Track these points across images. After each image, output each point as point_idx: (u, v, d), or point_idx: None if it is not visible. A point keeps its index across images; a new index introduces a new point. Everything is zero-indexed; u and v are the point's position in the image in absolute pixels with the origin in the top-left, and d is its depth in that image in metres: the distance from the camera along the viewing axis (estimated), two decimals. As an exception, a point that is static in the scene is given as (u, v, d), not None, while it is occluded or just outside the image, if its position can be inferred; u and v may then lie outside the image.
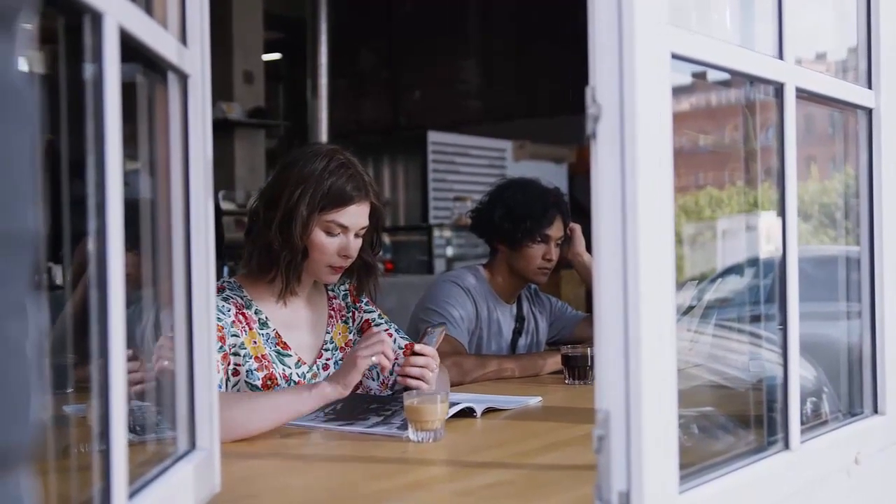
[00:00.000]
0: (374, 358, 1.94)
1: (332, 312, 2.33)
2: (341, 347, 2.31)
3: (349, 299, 2.37)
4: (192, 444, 1.34)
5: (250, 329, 2.15)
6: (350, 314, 2.36)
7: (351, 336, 2.34)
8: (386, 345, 1.97)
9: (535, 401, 2.30)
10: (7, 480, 0.54)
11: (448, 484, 1.58)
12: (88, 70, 0.98)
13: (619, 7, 1.13)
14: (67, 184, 1.01)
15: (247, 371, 2.10)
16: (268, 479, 1.64)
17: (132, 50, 1.08)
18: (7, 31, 0.53)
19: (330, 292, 2.35)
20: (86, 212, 0.98)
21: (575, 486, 1.50)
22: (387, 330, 2.34)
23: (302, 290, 2.24)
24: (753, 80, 1.51)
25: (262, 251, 2.16)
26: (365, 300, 2.38)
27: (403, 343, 2.35)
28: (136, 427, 1.28)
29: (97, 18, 0.97)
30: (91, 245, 0.97)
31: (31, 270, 0.56)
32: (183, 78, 1.32)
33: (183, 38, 1.32)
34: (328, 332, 2.30)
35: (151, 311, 1.40)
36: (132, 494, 1.05)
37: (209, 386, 1.36)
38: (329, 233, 2.14)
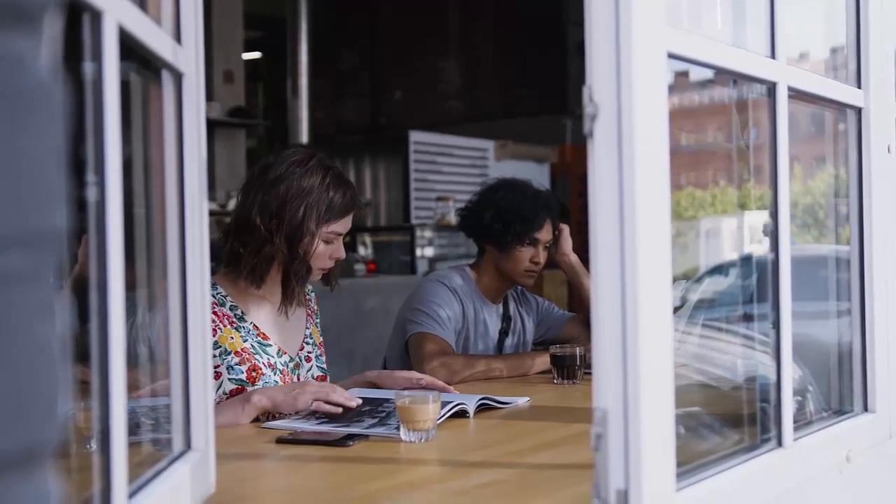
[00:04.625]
0: (313, 405, 2.01)
1: (309, 311, 2.41)
2: (319, 344, 2.41)
3: (316, 307, 2.46)
4: (188, 445, 1.33)
5: (226, 325, 2.18)
6: (318, 320, 2.46)
7: (321, 338, 2.45)
8: (331, 396, 2.02)
9: (523, 401, 2.30)
10: (36, 478, 0.53)
11: (443, 484, 1.58)
12: (87, 68, 0.97)
13: (617, 7, 1.13)
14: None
15: (228, 367, 2.14)
16: (262, 480, 1.64)
17: (127, 48, 1.07)
18: (34, 28, 0.52)
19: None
20: (83, 210, 0.97)
21: (570, 485, 1.50)
22: (320, 354, 2.45)
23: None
24: (747, 79, 1.51)
25: (263, 262, 2.19)
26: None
27: (318, 374, 2.41)
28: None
29: (97, 17, 0.96)
30: (90, 245, 0.96)
31: (57, 270, 0.55)
32: (178, 76, 1.31)
33: (177, 37, 1.31)
34: (307, 328, 2.38)
35: (141, 311, 1.39)
36: (131, 495, 1.04)
37: (204, 387, 1.35)
38: (327, 242, 2.23)
